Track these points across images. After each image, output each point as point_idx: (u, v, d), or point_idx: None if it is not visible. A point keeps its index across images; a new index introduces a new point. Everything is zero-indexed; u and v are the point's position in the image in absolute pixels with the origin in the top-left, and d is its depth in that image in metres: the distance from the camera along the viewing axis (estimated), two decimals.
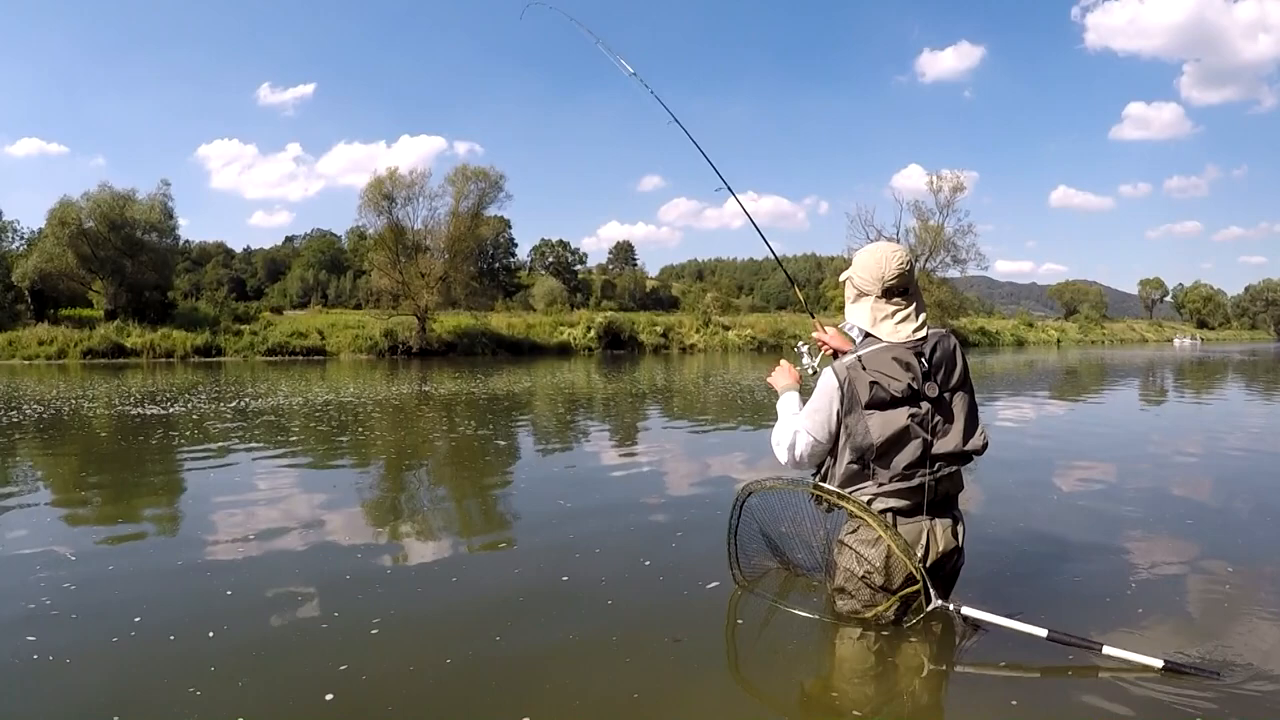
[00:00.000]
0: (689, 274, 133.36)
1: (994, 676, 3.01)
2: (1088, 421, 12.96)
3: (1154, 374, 26.64)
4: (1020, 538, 4.89)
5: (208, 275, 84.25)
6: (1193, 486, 6.75)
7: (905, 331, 3.23)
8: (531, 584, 4.14)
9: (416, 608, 3.83)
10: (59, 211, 46.37)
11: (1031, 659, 3.07)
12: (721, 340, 60.58)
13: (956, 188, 65.75)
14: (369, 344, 47.74)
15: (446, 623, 3.66)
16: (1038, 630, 3.07)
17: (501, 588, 4.10)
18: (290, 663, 3.23)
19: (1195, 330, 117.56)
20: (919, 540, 3.20)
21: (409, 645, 3.35)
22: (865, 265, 3.30)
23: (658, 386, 20.95)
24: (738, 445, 9.88)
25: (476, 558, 4.83)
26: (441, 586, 4.20)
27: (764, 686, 3.07)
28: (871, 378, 3.12)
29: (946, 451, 3.17)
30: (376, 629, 3.50)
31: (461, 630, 3.55)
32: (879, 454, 3.15)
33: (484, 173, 53.19)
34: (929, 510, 3.22)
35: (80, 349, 40.92)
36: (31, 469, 8.41)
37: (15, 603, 3.85)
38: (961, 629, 3.32)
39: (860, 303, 3.34)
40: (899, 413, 3.12)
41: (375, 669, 3.08)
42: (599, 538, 5.05)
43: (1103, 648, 2.97)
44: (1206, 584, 4.02)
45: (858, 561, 3.23)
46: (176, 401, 15.54)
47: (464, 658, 3.22)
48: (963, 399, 3.25)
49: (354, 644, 3.34)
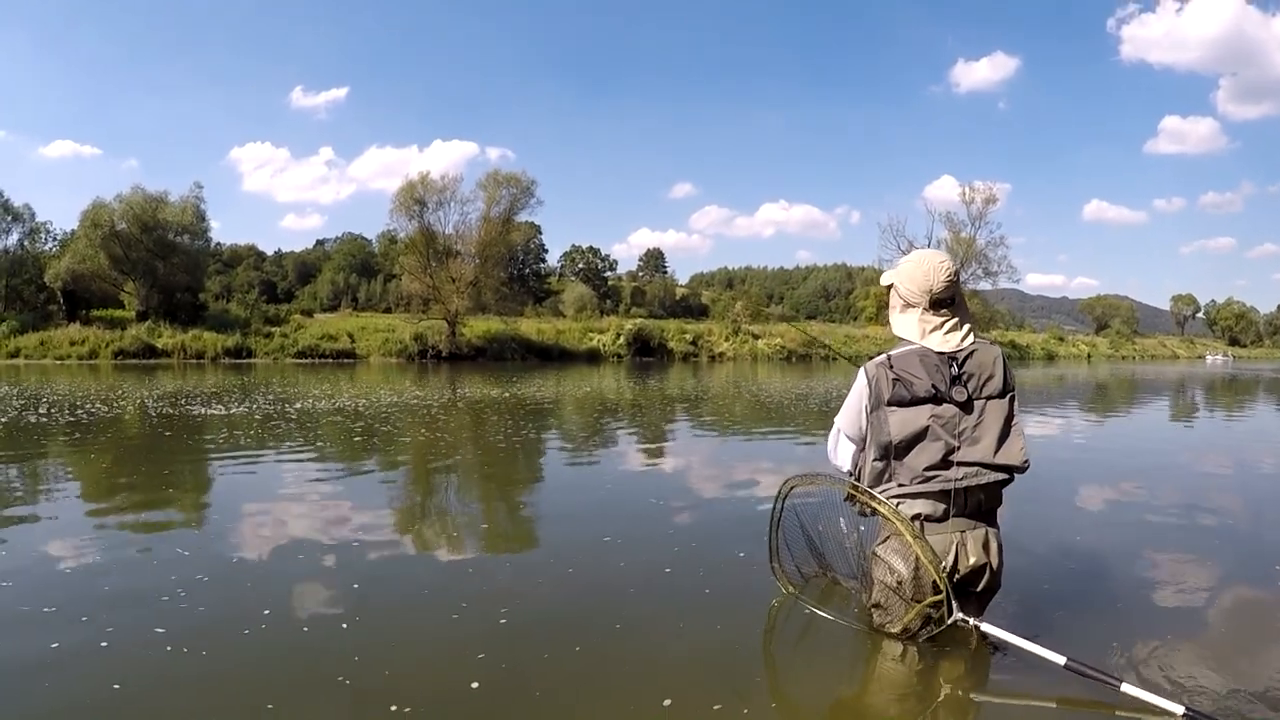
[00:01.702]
0: (719, 282, 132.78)
1: (1005, 697, 3.01)
2: (1122, 437, 12.78)
3: (1187, 391, 26.33)
4: (1048, 557, 4.82)
5: (238, 278, 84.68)
6: (1229, 512, 6.51)
7: (954, 341, 3.25)
8: (640, 574, 4.35)
9: (538, 598, 3.99)
10: (92, 213, 46.86)
11: (1046, 685, 2.98)
12: (751, 349, 60.14)
13: (989, 199, 65.05)
14: (399, 348, 47.75)
15: (568, 612, 3.80)
16: (1056, 657, 2.95)
17: (610, 580, 4.27)
18: (428, 653, 3.33)
19: (1227, 348, 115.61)
20: (948, 551, 3.19)
21: (539, 635, 3.47)
22: (912, 276, 3.30)
23: (710, 393, 20.93)
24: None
25: (587, 551, 4.92)
26: (558, 577, 4.36)
27: (792, 696, 3.08)
28: (895, 375, 3.17)
29: (974, 460, 3.16)
30: (505, 619, 3.64)
31: (583, 620, 3.69)
32: (899, 451, 3.18)
33: (516, 178, 53.28)
34: (960, 521, 3.21)
35: (112, 349, 41.31)
36: (120, 467, 8.47)
37: (146, 596, 3.93)
38: (978, 644, 3.27)
39: (908, 314, 3.35)
40: (919, 411, 3.15)
41: (512, 658, 3.21)
42: (694, 531, 5.42)
43: (1121, 685, 2.81)
44: (1237, 623, 3.85)
45: (889, 572, 3.25)
46: (242, 401, 15.65)
47: (592, 645, 3.36)
48: (999, 408, 3.22)
49: (487, 634, 3.46)
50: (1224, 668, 3.18)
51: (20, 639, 3.38)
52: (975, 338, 3.30)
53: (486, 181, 53.22)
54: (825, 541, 3.90)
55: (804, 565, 3.98)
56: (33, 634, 3.41)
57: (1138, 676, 2.97)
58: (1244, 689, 2.97)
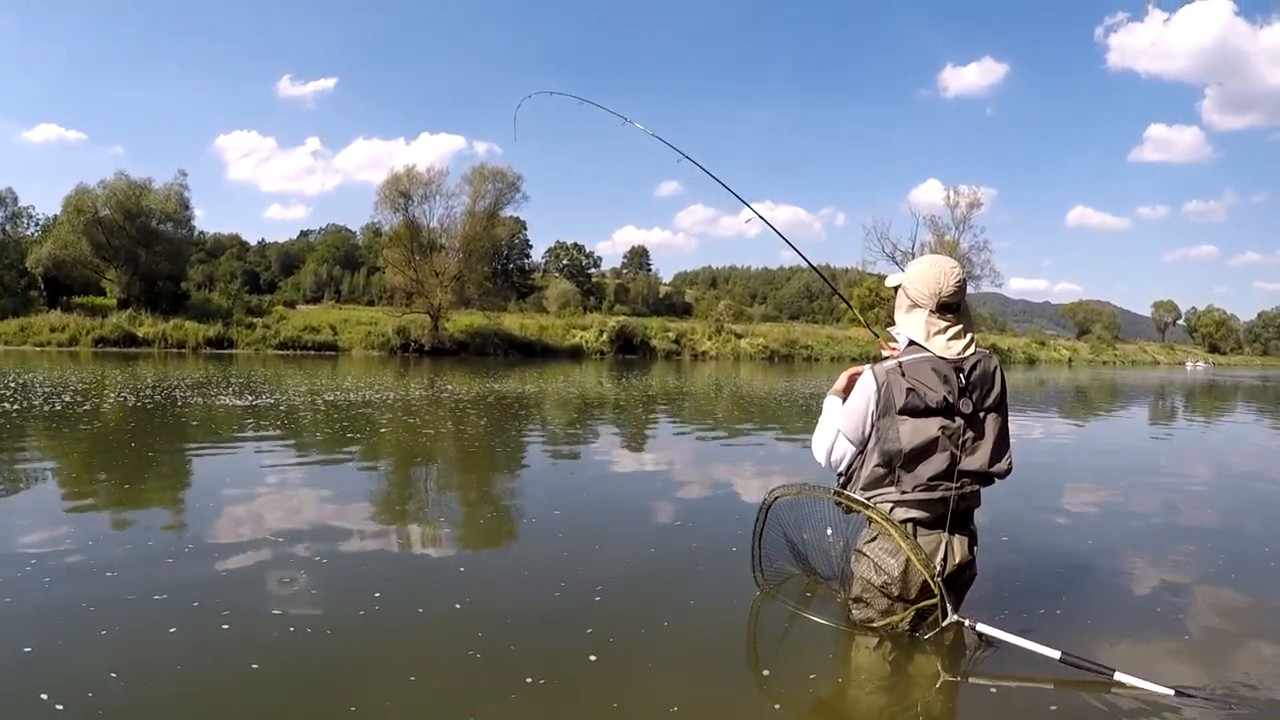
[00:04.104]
0: (703, 281, 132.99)
1: (1006, 691, 3.03)
2: (1098, 441, 12.90)
3: (1167, 396, 26.59)
4: (1031, 556, 4.92)
5: (221, 267, 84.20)
6: (1207, 512, 6.68)
7: (956, 348, 3.25)
8: (709, 544, 4.80)
9: (624, 574, 4.30)
10: (75, 199, 46.48)
11: (1043, 678, 3.08)
12: (734, 348, 60.28)
13: (974, 204, 65.58)
14: (381, 340, 47.69)
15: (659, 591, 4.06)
16: (1050, 652, 3.06)
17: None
18: (544, 629, 3.50)
19: (1207, 354, 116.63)
20: (937, 552, 3.22)
21: (631, 611, 3.72)
22: (922, 278, 3.32)
23: (693, 391, 20.88)
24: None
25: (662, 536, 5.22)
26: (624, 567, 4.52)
27: (776, 693, 3.06)
28: (909, 384, 3.15)
29: (973, 469, 3.20)
30: (599, 596, 3.90)
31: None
32: (906, 461, 3.18)
33: (502, 173, 53.19)
34: (948, 523, 3.25)
35: (92, 337, 41.02)
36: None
37: (262, 576, 4.17)
38: (974, 643, 3.33)
39: (914, 314, 3.35)
40: (931, 422, 3.15)
41: (619, 633, 3.43)
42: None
43: (1114, 674, 2.96)
44: (1218, 613, 4.02)
45: (875, 571, 3.26)
46: (357, 394, 15.47)
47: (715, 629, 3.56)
48: (996, 420, 3.28)
49: (590, 611, 3.71)
50: (1207, 659, 3.38)
51: (139, 625, 3.44)
52: (976, 347, 3.33)
53: (472, 175, 53.22)
54: (809, 548, 3.91)
55: (788, 567, 4.00)
56: (151, 620, 3.49)
57: (1129, 666, 3.03)
58: (1228, 673, 3.19)
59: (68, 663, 3.02)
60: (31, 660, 3.05)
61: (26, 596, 3.72)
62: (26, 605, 3.62)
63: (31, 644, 3.18)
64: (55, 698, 2.72)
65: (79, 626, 3.36)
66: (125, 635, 3.31)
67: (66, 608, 3.58)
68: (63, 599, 3.70)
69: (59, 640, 3.22)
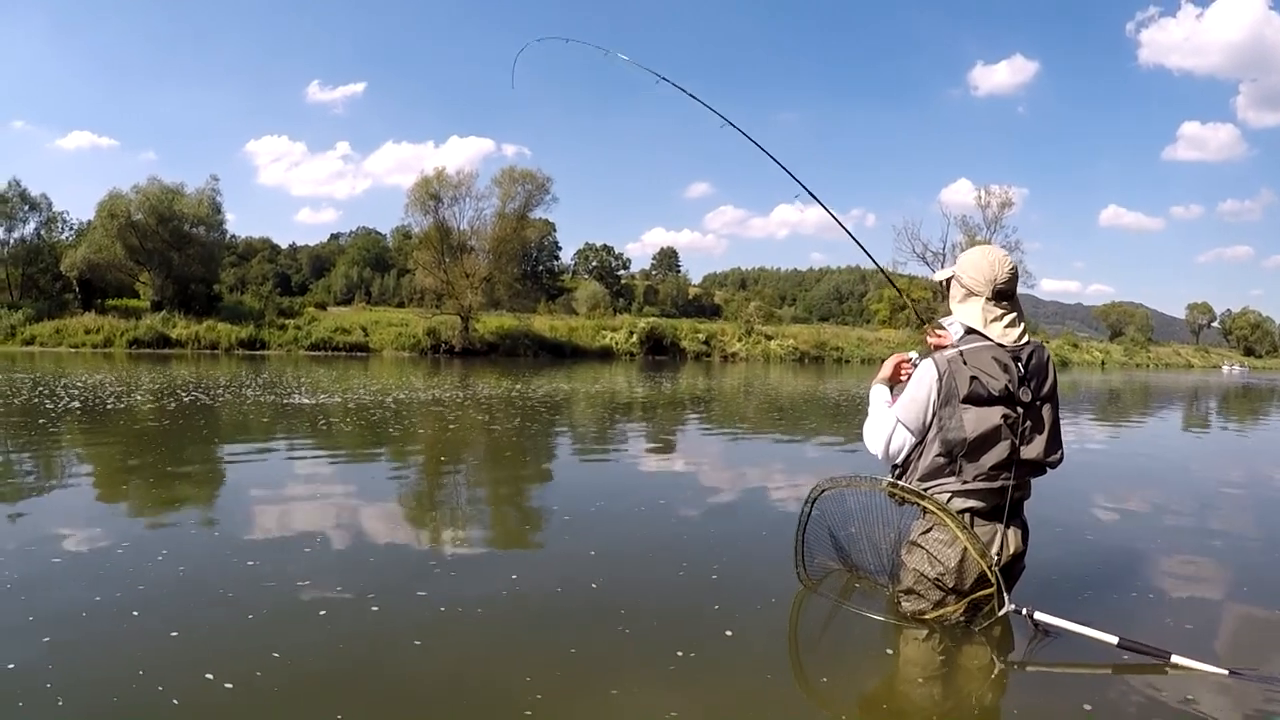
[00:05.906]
0: (732, 282, 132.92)
1: (1061, 678, 3.08)
2: (1139, 441, 12.79)
3: (1203, 400, 26.36)
4: (1082, 548, 4.95)
5: (253, 270, 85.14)
6: (1253, 511, 6.79)
7: (1013, 335, 3.29)
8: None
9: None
10: (108, 204, 46.99)
11: (1099, 664, 3.11)
12: (764, 350, 59.88)
13: (1005, 204, 64.50)
14: (411, 342, 47.86)
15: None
16: (1108, 637, 3.09)
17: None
18: (675, 604, 3.73)
19: (1242, 358, 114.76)
20: (993, 543, 3.24)
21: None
22: (977, 265, 3.36)
23: (723, 393, 20.81)
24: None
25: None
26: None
27: (826, 688, 3.04)
28: (972, 373, 3.16)
29: (1031, 459, 3.23)
30: (715, 575, 4.13)
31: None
32: (969, 450, 3.18)
33: (531, 175, 53.15)
34: (1004, 513, 3.27)
35: (126, 338, 41.46)
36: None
37: (403, 561, 4.42)
38: (1030, 632, 3.33)
39: (970, 302, 3.38)
40: (993, 411, 3.16)
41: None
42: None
43: (1171, 656, 3.01)
44: (1268, 599, 4.07)
45: (930, 563, 3.26)
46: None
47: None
48: (1050, 410, 3.31)
49: (706, 588, 3.94)
50: (1262, 636, 3.57)
51: (285, 609, 3.55)
52: (1029, 336, 3.36)
53: (501, 178, 53.15)
54: (855, 542, 3.88)
55: (828, 562, 3.98)
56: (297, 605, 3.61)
57: (1184, 649, 3.07)
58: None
59: (220, 645, 3.12)
60: (181, 644, 3.12)
61: (162, 584, 3.85)
62: (163, 591, 3.73)
63: (177, 629, 3.26)
64: (221, 677, 2.80)
65: (223, 612, 3.48)
66: (274, 619, 3.41)
67: (207, 593, 3.73)
68: (200, 585, 3.85)
69: (204, 627, 3.31)
